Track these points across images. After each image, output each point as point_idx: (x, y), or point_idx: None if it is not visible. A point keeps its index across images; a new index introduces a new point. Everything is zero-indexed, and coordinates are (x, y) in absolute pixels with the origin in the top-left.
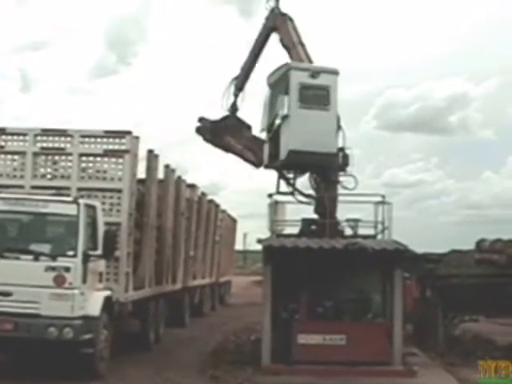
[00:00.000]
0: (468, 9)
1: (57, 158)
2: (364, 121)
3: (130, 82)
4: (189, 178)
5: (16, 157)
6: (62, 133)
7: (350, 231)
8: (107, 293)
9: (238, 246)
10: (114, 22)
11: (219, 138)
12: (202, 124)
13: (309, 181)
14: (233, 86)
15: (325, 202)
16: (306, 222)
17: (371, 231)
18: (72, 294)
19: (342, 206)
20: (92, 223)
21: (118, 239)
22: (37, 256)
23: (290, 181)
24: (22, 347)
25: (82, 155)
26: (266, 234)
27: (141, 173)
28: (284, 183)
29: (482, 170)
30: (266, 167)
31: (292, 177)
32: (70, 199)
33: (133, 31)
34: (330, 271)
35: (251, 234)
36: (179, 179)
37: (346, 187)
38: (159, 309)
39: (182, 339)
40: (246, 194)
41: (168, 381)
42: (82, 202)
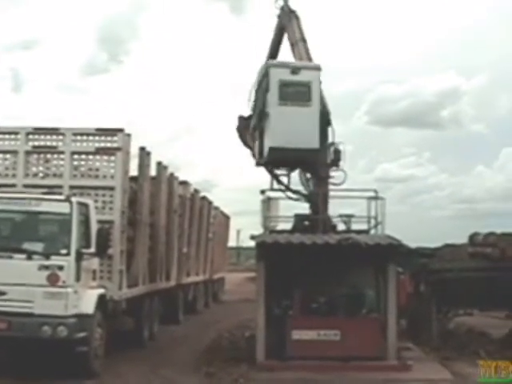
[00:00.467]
0: (458, 4)
1: (49, 156)
2: (356, 116)
3: (122, 79)
4: (181, 175)
5: (8, 155)
6: (54, 131)
7: (343, 227)
8: (101, 291)
9: (232, 242)
10: (106, 20)
11: (243, 137)
12: (238, 122)
13: (299, 177)
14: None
15: (315, 199)
16: (298, 218)
17: (364, 226)
18: (65, 293)
19: (335, 202)
20: (85, 221)
21: (111, 237)
22: (30, 255)
23: (278, 178)
24: (16, 346)
25: (74, 153)
26: (259, 230)
27: (133, 170)
28: (274, 180)
29: (474, 164)
30: (257, 165)
31: (282, 174)
32: (62, 197)
33: (124, 29)
34: (324, 267)
35: (244, 230)
36: (172, 176)
37: (334, 183)
38: (153, 306)
39: (177, 336)
40: (239, 190)
41: (163, 378)
42: (74, 200)
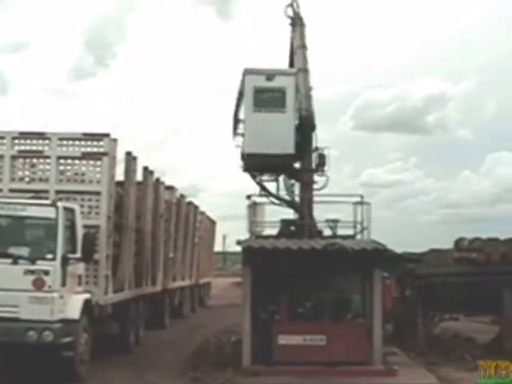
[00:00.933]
0: (444, 9)
1: (35, 160)
2: (342, 121)
3: (108, 83)
4: (168, 180)
5: None
6: (40, 136)
7: (329, 232)
8: (87, 296)
9: (218, 247)
10: (92, 24)
11: None
12: None
13: (284, 183)
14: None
15: (297, 204)
16: (284, 223)
17: (350, 231)
18: (51, 298)
19: (321, 207)
20: (71, 226)
21: (97, 242)
22: (16, 259)
23: (262, 183)
24: (1, 351)
25: (60, 158)
26: (245, 235)
27: (119, 175)
28: (258, 186)
29: (460, 170)
30: (244, 170)
31: (268, 179)
32: (48, 202)
33: (111, 33)
34: (310, 272)
35: (231, 235)
36: (158, 181)
37: (315, 188)
38: (139, 311)
39: (163, 341)
40: (226, 195)
41: (148, 383)
42: (60, 204)
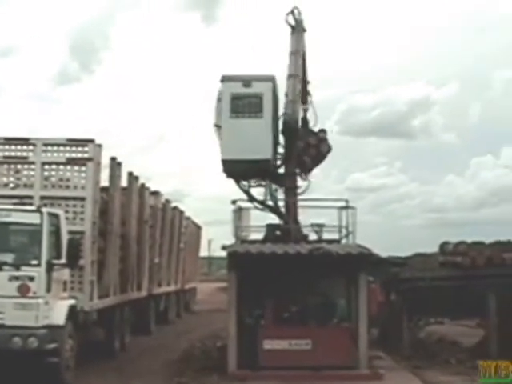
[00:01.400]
0: (427, 14)
1: (19, 166)
2: (326, 126)
3: (94, 89)
4: (153, 186)
5: None
6: (25, 141)
7: (314, 236)
8: (72, 302)
9: (203, 252)
10: (77, 30)
11: None
12: None
13: (268, 188)
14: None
15: (280, 209)
16: (270, 228)
17: (336, 236)
18: (36, 304)
19: (307, 212)
20: (56, 232)
21: (82, 248)
22: (0, 265)
23: (245, 188)
24: None
25: (44, 164)
26: (230, 240)
27: (104, 181)
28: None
29: (445, 174)
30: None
31: (253, 185)
32: (33, 208)
33: (96, 38)
34: (295, 276)
35: (216, 240)
36: (143, 187)
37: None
38: (124, 317)
39: (148, 347)
40: (211, 200)
41: None
42: (45, 210)
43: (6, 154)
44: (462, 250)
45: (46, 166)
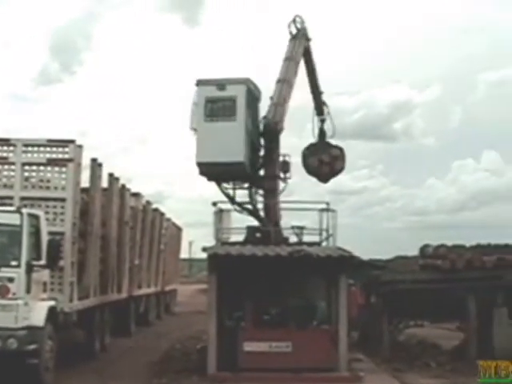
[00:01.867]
0: (410, 17)
1: None
2: (308, 128)
3: (75, 90)
4: (133, 187)
5: None
6: (5, 142)
7: (295, 239)
8: (52, 303)
9: (184, 254)
10: (58, 31)
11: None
12: None
13: (248, 190)
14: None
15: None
16: (250, 230)
17: (316, 238)
18: (16, 305)
19: (287, 214)
20: (35, 233)
21: (62, 249)
22: None
23: (224, 190)
24: None
25: (25, 164)
26: (211, 242)
27: (84, 182)
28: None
29: (426, 177)
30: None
31: (235, 187)
32: (13, 209)
33: (77, 40)
34: (276, 279)
35: (197, 242)
36: (123, 188)
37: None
38: (104, 318)
39: (128, 348)
40: (192, 202)
41: None
42: (25, 211)
43: None
44: (442, 253)
45: (27, 167)
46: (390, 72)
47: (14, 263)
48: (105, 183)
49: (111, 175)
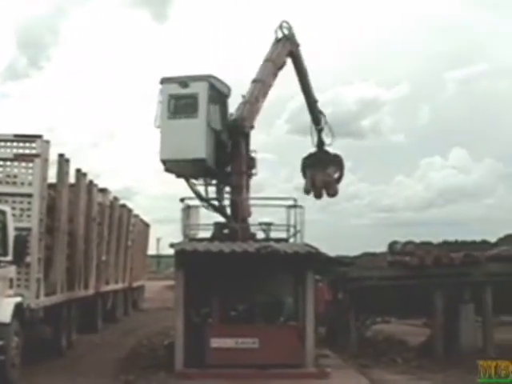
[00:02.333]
0: (377, 16)
1: None
2: (277, 125)
3: (42, 85)
4: (101, 183)
5: None
6: None
7: (262, 235)
8: (18, 299)
9: (152, 250)
10: (26, 26)
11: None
12: None
13: (216, 186)
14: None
15: (224, 208)
16: (218, 226)
17: (284, 235)
18: None
19: (255, 210)
20: (2, 228)
21: (29, 245)
22: None
23: (193, 187)
24: None
25: None
26: (179, 238)
27: (52, 177)
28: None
29: (394, 174)
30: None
31: (199, 183)
32: None
33: (45, 34)
34: (243, 275)
35: (165, 238)
36: (91, 184)
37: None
38: (71, 314)
39: (95, 345)
40: (160, 198)
41: None
42: None
43: None
44: (410, 249)
45: None
46: (358, 70)
47: None
48: (72, 179)
49: (79, 171)
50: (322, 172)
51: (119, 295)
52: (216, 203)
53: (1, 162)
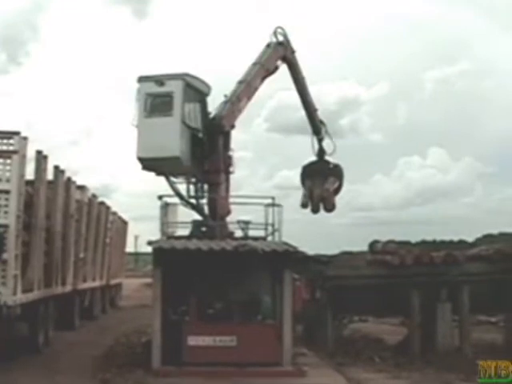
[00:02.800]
0: (357, 15)
1: None
2: (256, 123)
3: (21, 82)
4: (79, 180)
5: None
6: None
7: (240, 233)
8: None
9: (130, 248)
10: (5, 22)
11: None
12: None
13: (194, 185)
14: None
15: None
16: (196, 224)
17: (262, 233)
18: None
19: (233, 208)
20: None
21: (6, 241)
22: None
23: (172, 184)
24: None
25: None
26: (157, 236)
27: (29, 174)
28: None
29: (372, 173)
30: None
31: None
32: None
33: (24, 31)
34: (221, 273)
35: (143, 236)
36: (69, 181)
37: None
38: (48, 312)
39: (72, 342)
40: (139, 196)
41: None
42: None
43: None
44: (391, 248)
45: None
46: (337, 69)
47: None
48: (50, 176)
49: (57, 168)
50: (320, 186)
51: (97, 292)
52: (194, 201)
53: None
